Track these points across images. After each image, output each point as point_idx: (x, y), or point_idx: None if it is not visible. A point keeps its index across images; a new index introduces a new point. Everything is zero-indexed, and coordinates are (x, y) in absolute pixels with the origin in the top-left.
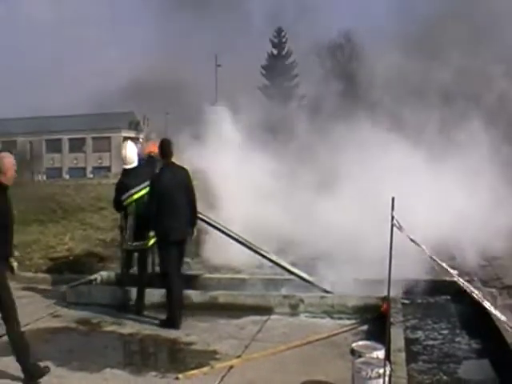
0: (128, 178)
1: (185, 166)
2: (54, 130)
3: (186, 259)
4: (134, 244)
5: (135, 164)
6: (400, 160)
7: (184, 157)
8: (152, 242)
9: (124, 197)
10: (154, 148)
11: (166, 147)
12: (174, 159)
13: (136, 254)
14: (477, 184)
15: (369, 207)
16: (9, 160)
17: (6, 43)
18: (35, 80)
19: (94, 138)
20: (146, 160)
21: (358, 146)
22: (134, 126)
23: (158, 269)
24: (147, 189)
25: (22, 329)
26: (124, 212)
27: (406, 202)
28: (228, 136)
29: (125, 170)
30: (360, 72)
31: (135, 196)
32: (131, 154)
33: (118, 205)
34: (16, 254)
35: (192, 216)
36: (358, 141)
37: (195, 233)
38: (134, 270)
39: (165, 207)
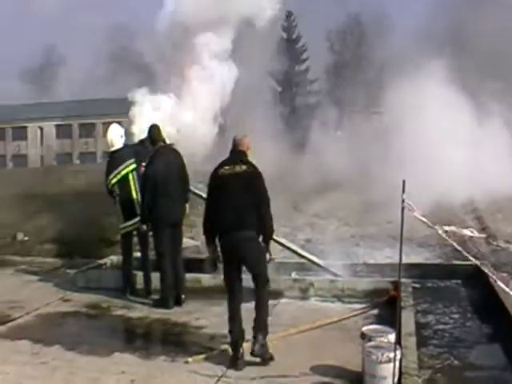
0: (112, 161)
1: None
2: (64, 116)
3: (196, 243)
4: (123, 226)
5: (119, 146)
6: None
7: None
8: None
9: (107, 180)
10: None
11: (155, 132)
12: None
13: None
14: None
15: None
16: None
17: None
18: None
19: (104, 124)
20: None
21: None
22: None
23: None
24: (129, 167)
25: (33, 313)
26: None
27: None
28: None
29: (110, 153)
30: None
31: (117, 177)
32: (113, 136)
33: (106, 189)
34: (26, 238)
35: (186, 196)
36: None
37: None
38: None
39: (159, 190)
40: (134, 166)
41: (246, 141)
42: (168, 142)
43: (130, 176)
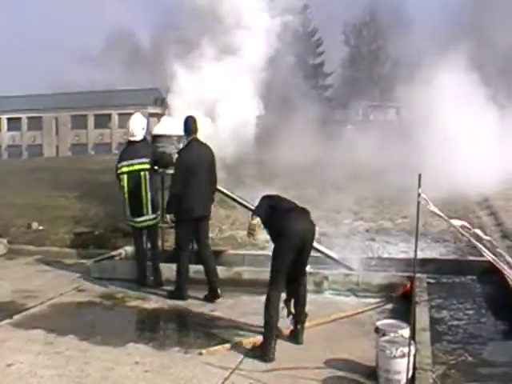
0: (126, 150)
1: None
2: (80, 106)
3: (211, 235)
4: (130, 220)
5: (138, 138)
6: None
7: None
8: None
9: (117, 166)
10: None
11: (190, 123)
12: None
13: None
14: None
15: None
16: None
17: (35, 17)
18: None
19: (119, 115)
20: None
21: None
22: (160, 102)
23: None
24: (143, 166)
25: (47, 302)
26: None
27: None
28: None
29: (128, 141)
30: None
31: (128, 168)
32: (135, 126)
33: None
34: (41, 228)
35: (212, 193)
36: None
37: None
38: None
39: (190, 183)
40: (147, 166)
41: None
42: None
43: (142, 174)
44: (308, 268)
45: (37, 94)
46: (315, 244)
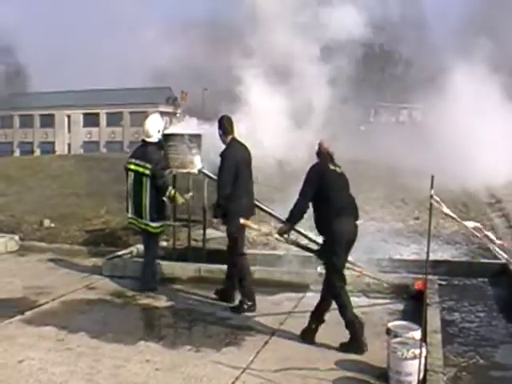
0: (137, 149)
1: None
2: (92, 104)
3: (222, 234)
4: (129, 217)
5: (152, 139)
6: None
7: None
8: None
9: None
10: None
11: (225, 123)
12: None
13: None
14: None
15: None
16: None
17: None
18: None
19: (131, 113)
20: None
21: None
22: (172, 101)
23: (193, 243)
24: (146, 171)
25: (58, 299)
26: None
27: None
28: None
29: (142, 140)
30: None
31: (132, 166)
32: (150, 127)
33: None
34: (52, 225)
35: None
36: None
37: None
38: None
39: (239, 184)
40: (148, 172)
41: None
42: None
43: (144, 179)
44: (319, 269)
45: (49, 91)
46: None
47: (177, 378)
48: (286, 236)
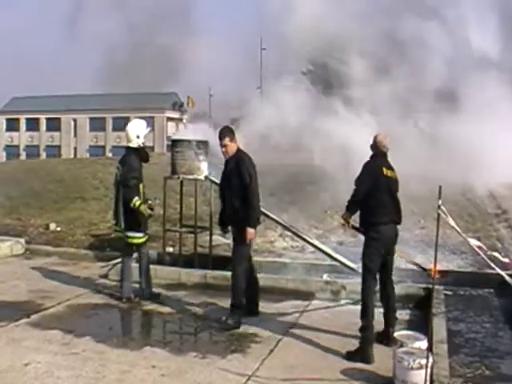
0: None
1: None
2: (98, 108)
3: (227, 241)
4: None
5: (132, 144)
6: None
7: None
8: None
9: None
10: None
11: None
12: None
13: None
14: None
15: None
16: None
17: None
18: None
19: (137, 118)
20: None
21: None
22: (178, 106)
23: (199, 249)
24: (119, 177)
25: (64, 303)
26: None
27: None
28: None
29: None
30: None
31: (116, 171)
32: (129, 131)
33: None
34: (58, 229)
35: None
36: None
37: None
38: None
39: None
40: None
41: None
42: None
43: (119, 187)
44: (325, 276)
45: (56, 95)
46: (333, 253)
47: None
48: (348, 221)
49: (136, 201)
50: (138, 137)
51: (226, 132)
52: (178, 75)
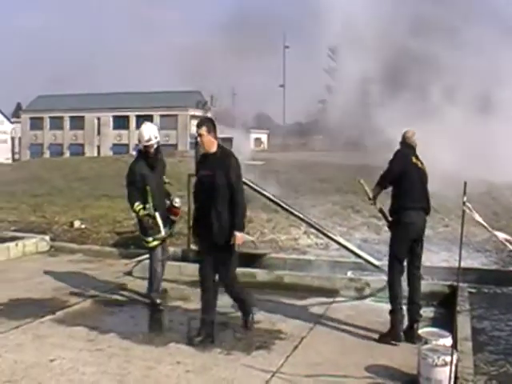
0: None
1: None
2: (122, 107)
3: (251, 238)
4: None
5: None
6: None
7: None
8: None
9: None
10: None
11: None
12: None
13: None
14: None
15: None
16: None
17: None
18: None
19: (161, 116)
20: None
21: None
22: (202, 105)
23: None
24: None
25: (89, 300)
26: None
27: None
28: None
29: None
30: None
31: None
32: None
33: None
34: (83, 226)
35: None
36: None
37: None
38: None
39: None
40: None
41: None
42: None
43: None
44: (349, 274)
45: (80, 93)
46: (357, 250)
47: (208, 381)
48: (375, 197)
49: (136, 206)
50: (139, 141)
51: (205, 121)
52: (202, 74)
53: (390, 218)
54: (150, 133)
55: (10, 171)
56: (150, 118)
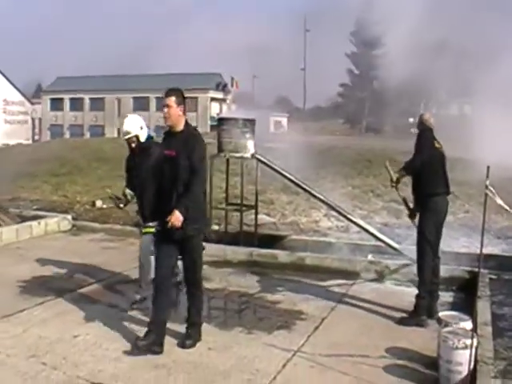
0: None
1: None
2: (142, 88)
3: (273, 219)
4: None
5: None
6: None
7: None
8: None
9: None
10: None
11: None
12: None
13: None
14: None
15: None
16: None
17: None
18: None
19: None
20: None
21: None
22: (222, 87)
23: (245, 228)
24: None
25: (110, 278)
26: None
27: None
28: None
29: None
30: None
31: None
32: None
33: None
34: (104, 206)
35: None
36: None
37: None
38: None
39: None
40: None
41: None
42: None
43: None
44: (370, 257)
45: (100, 75)
46: (377, 233)
47: (229, 358)
48: (398, 182)
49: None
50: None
51: (175, 91)
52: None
53: (411, 207)
54: (129, 126)
55: (31, 151)
56: None
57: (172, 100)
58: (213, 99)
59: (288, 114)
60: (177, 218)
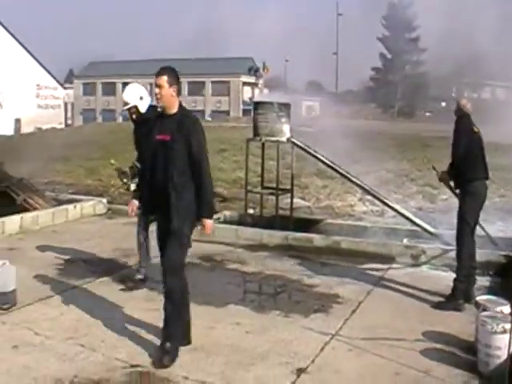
0: None
1: None
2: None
3: (307, 203)
4: None
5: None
6: None
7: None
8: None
9: None
10: None
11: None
12: None
13: None
14: None
15: None
16: None
17: None
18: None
19: (213, 82)
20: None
21: None
22: (254, 71)
23: (280, 211)
24: None
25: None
26: None
27: None
28: None
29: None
30: None
31: None
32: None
33: None
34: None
35: None
36: None
37: None
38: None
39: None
40: None
41: None
42: None
43: None
44: (405, 241)
45: (131, 60)
46: (413, 217)
47: (267, 341)
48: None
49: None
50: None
51: (167, 70)
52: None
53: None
54: (127, 96)
55: (65, 135)
56: (201, 85)
57: (164, 79)
58: (245, 83)
59: (320, 98)
60: (209, 227)
